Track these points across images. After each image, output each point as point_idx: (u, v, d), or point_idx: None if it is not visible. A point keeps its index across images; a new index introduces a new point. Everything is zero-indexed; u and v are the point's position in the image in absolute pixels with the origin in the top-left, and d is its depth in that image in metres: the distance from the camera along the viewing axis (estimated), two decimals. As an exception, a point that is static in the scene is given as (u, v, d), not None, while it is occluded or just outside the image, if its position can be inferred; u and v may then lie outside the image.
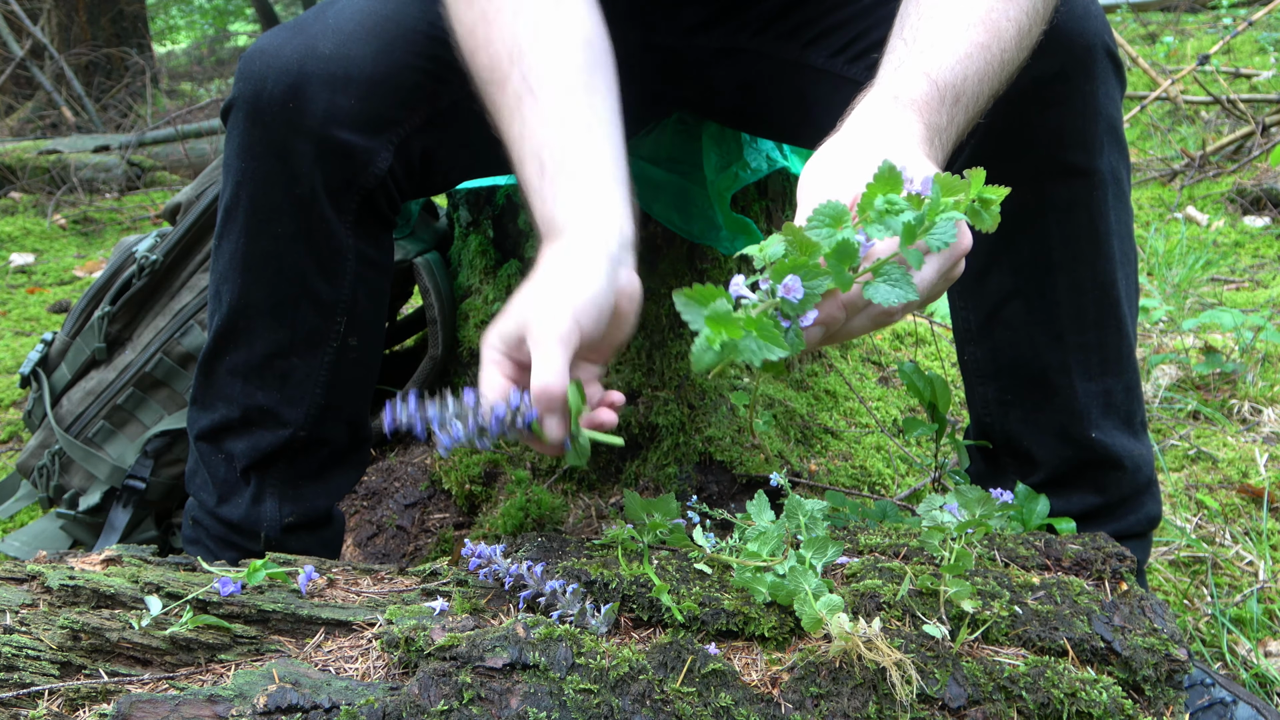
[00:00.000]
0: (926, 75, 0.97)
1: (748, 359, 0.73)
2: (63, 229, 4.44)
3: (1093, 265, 1.21)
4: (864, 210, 0.78)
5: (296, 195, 1.20)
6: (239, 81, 1.19)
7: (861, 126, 0.95)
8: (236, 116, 1.20)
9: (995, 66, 1.01)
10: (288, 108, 1.15)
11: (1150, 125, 4.48)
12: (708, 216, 1.66)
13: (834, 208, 0.77)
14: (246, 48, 1.29)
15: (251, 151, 1.19)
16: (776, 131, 1.57)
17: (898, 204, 0.75)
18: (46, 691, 0.84)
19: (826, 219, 0.77)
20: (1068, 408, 1.24)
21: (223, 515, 1.31)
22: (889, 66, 1.01)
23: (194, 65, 12.53)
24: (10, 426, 2.38)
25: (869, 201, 0.76)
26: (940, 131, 0.98)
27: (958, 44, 1.00)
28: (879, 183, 0.75)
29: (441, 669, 0.81)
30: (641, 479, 1.73)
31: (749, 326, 0.74)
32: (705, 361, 0.74)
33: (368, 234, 1.27)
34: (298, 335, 1.27)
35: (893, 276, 0.77)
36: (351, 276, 1.27)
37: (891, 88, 0.97)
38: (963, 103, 0.99)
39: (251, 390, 1.28)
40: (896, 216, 0.74)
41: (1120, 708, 0.85)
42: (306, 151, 1.17)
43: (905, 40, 1.02)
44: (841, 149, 0.93)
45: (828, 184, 0.90)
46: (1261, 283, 2.88)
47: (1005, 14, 1.02)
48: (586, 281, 0.96)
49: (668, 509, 0.97)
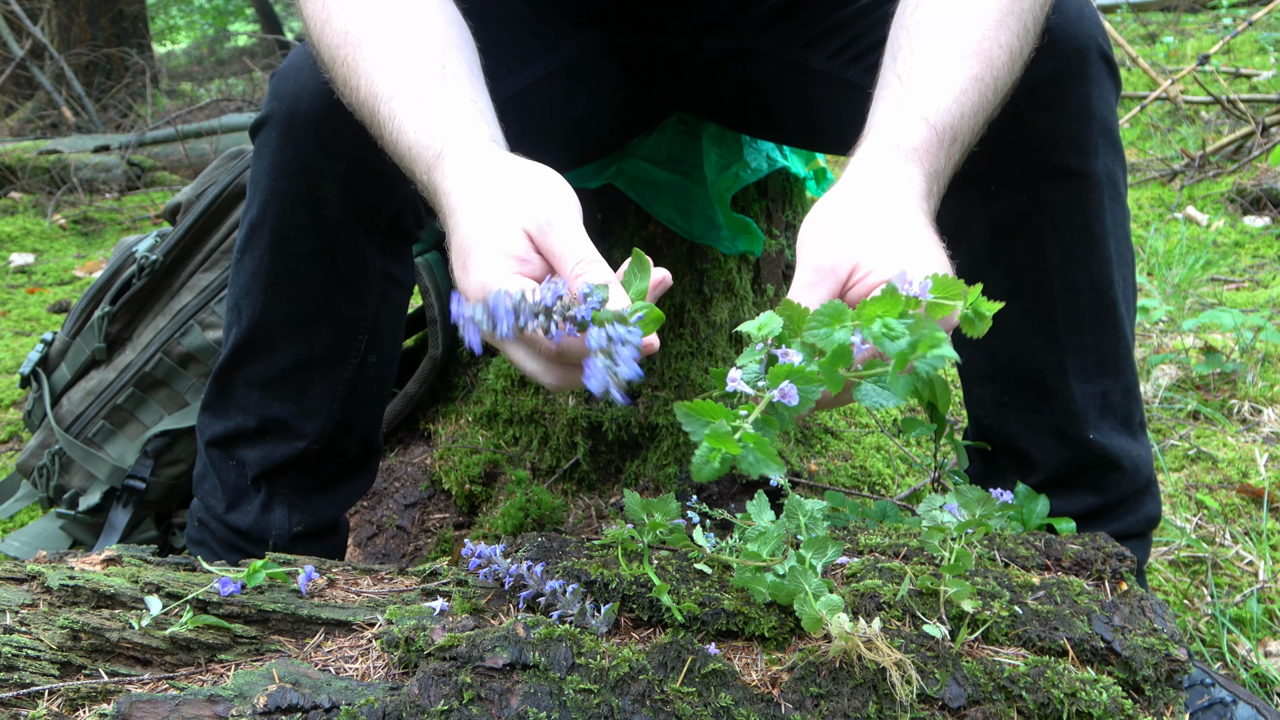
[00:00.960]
0: (925, 120, 0.97)
1: (746, 470, 0.77)
2: (63, 229, 4.44)
3: (1089, 267, 1.21)
4: (861, 319, 0.80)
5: (325, 215, 1.20)
6: (272, 99, 1.18)
7: (862, 182, 0.95)
8: (269, 135, 1.19)
9: (989, 96, 1.01)
10: (322, 129, 1.15)
11: (1150, 125, 4.48)
12: (708, 216, 1.66)
13: (834, 308, 0.81)
14: (277, 66, 1.28)
15: (283, 171, 1.19)
16: (777, 133, 1.57)
17: (894, 331, 0.78)
18: (46, 691, 0.84)
19: (826, 318, 0.80)
20: (1064, 409, 1.24)
21: (231, 522, 1.31)
22: (886, 107, 1.01)
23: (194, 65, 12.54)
24: (10, 426, 2.38)
25: (869, 319, 0.79)
26: (938, 176, 0.98)
27: (953, 80, 0.99)
28: (879, 303, 0.78)
29: (441, 669, 0.81)
30: (641, 479, 1.73)
31: (747, 440, 0.77)
32: (705, 474, 0.78)
33: (394, 253, 1.28)
34: (318, 351, 1.27)
35: (882, 380, 0.81)
36: (376, 296, 1.27)
37: (891, 135, 0.97)
38: (960, 141, 1.00)
39: (268, 401, 1.28)
40: (894, 341, 0.77)
41: (1120, 708, 0.85)
42: (338, 173, 1.17)
43: (900, 77, 1.02)
44: (842, 207, 0.93)
45: (828, 247, 0.90)
46: (1261, 283, 2.88)
47: (997, 41, 1.01)
48: (547, 172, 0.93)
49: (668, 509, 0.97)
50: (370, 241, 1.24)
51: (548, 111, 1.37)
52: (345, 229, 1.21)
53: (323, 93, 1.12)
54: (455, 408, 1.90)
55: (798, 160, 1.79)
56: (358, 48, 1.02)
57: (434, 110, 0.98)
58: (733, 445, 0.77)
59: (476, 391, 1.88)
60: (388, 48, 1.02)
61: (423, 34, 1.04)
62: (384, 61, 1.01)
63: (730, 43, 1.44)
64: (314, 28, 1.07)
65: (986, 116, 1.02)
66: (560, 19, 1.42)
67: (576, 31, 1.43)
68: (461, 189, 0.92)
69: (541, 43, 1.38)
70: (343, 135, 1.12)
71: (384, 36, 1.02)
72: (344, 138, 1.12)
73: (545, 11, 1.41)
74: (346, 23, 1.04)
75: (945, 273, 0.88)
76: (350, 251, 1.23)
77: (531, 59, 1.35)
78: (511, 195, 0.91)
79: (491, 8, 1.28)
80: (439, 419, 1.90)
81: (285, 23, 13.14)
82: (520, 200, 0.90)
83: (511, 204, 0.90)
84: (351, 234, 1.22)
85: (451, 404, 1.91)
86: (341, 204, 1.19)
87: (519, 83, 1.32)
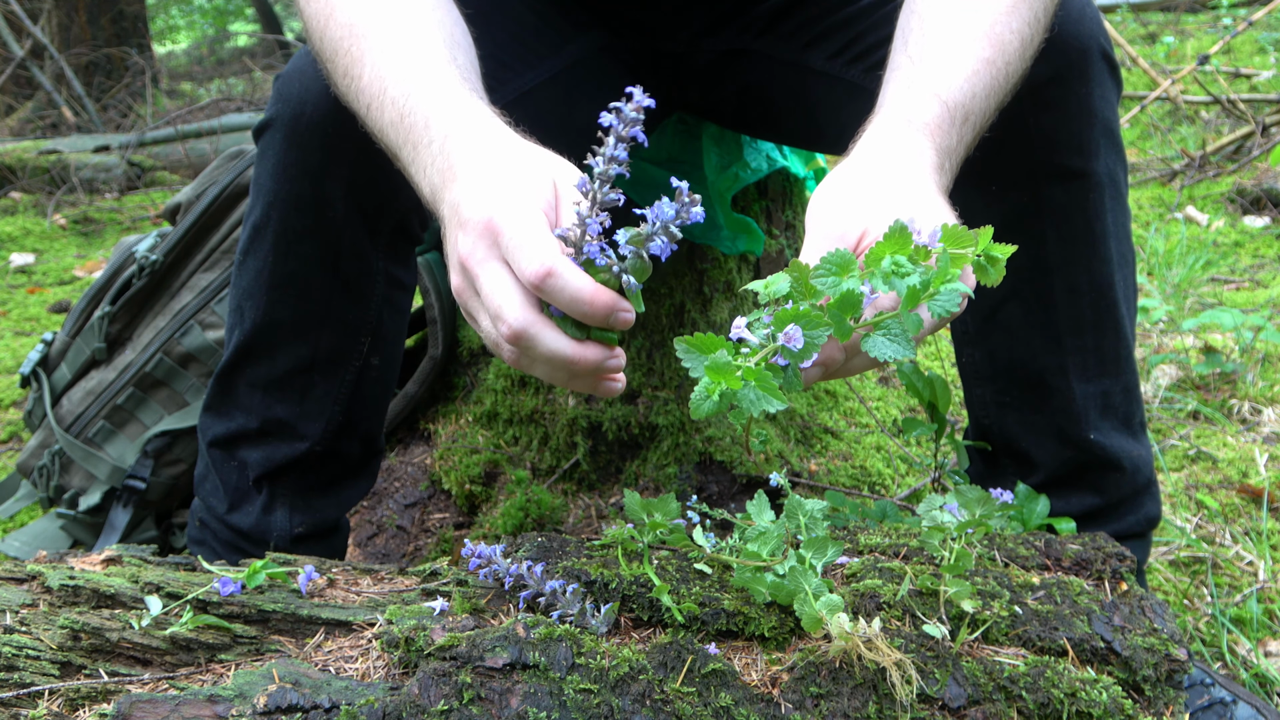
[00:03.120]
0: (937, 97, 0.97)
1: (746, 409, 0.73)
2: (63, 229, 4.44)
3: (1089, 268, 1.21)
4: (871, 264, 0.78)
5: (329, 218, 1.20)
6: (276, 103, 1.18)
7: (874, 152, 0.94)
8: (273, 138, 1.19)
9: (1001, 80, 1.01)
10: (327, 132, 1.14)
11: (1150, 125, 4.48)
12: (709, 216, 1.66)
13: (841, 256, 0.78)
14: (277, 65, 1.27)
15: (287, 174, 1.19)
16: (776, 133, 1.57)
17: (904, 267, 0.75)
18: (46, 691, 0.84)
19: (833, 267, 0.78)
20: (1065, 409, 1.24)
21: (233, 523, 1.31)
22: (898, 85, 1.00)
23: (194, 65, 12.54)
24: (10, 426, 2.38)
25: (877, 258, 0.76)
26: (950, 153, 0.97)
27: (965, 61, 0.99)
28: (888, 241, 0.76)
29: (441, 669, 0.81)
30: (641, 479, 1.73)
31: (749, 377, 0.74)
32: (703, 410, 0.74)
33: (398, 256, 1.28)
34: (320, 354, 1.27)
35: (892, 332, 0.78)
36: (379, 299, 1.27)
37: (904, 110, 0.97)
38: (971, 121, 0.99)
39: (271, 403, 1.28)
40: (902, 279, 0.75)
41: (1120, 708, 0.85)
42: (343, 176, 1.17)
43: (911, 57, 1.02)
44: (853, 176, 0.93)
45: (838, 214, 0.90)
46: (1261, 283, 2.88)
47: (1009, 26, 1.02)
48: (554, 155, 0.92)
49: (668, 509, 0.97)
50: (374, 244, 1.24)
51: (551, 114, 1.37)
52: (349, 232, 1.21)
53: (328, 96, 1.12)
54: (455, 408, 1.89)
55: (797, 160, 1.79)
56: (362, 39, 1.02)
57: (451, 83, 0.97)
58: (733, 379, 0.73)
59: (476, 391, 1.88)
60: (396, 38, 1.01)
61: (431, 29, 1.03)
62: (393, 48, 1.00)
63: (730, 44, 1.44)
64: (315, 26, 1.07)
65: (998, 101, 1.02)
66: (563, 22, 1.42)
67: (579, 34, 1.43)
68: (482, 147, 0.90)
69: (546, 46, 1.38)
70: (348, 138, 1.12)
71: (391, 28, 1.02)
72: (349, 141, 1.12)
73: (549, 15, 1.41)
74: (351, 17, 1.03)
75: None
76: (354, 254, 1.23)
77: (536, 62, 1.36)
78: (536, 153, 0.90)
79: (496, 12, 1.28)
80: (439, 419, 1.90)
81: (285, 23, 13.14)
82: (546, 156, 0.90)
83: (537, 159, 0.89)
84: (355, 237, 1.22)
85: (451, 404, 1.91)
86: (346, 207, 1.19)
87: (523, 86, 1.32)
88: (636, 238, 0.81)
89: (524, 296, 0.82)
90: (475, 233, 0.84)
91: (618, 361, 0.86)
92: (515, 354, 0.85)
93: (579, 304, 0.80)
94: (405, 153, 0.96)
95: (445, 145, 0.92)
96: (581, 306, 0.80)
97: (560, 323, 0.83)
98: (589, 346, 0.84)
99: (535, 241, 0.80)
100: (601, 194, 0.83)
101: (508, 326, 0.82)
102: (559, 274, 0.79)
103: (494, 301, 0.83)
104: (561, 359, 0.83)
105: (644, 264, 0.82)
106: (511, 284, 0.82)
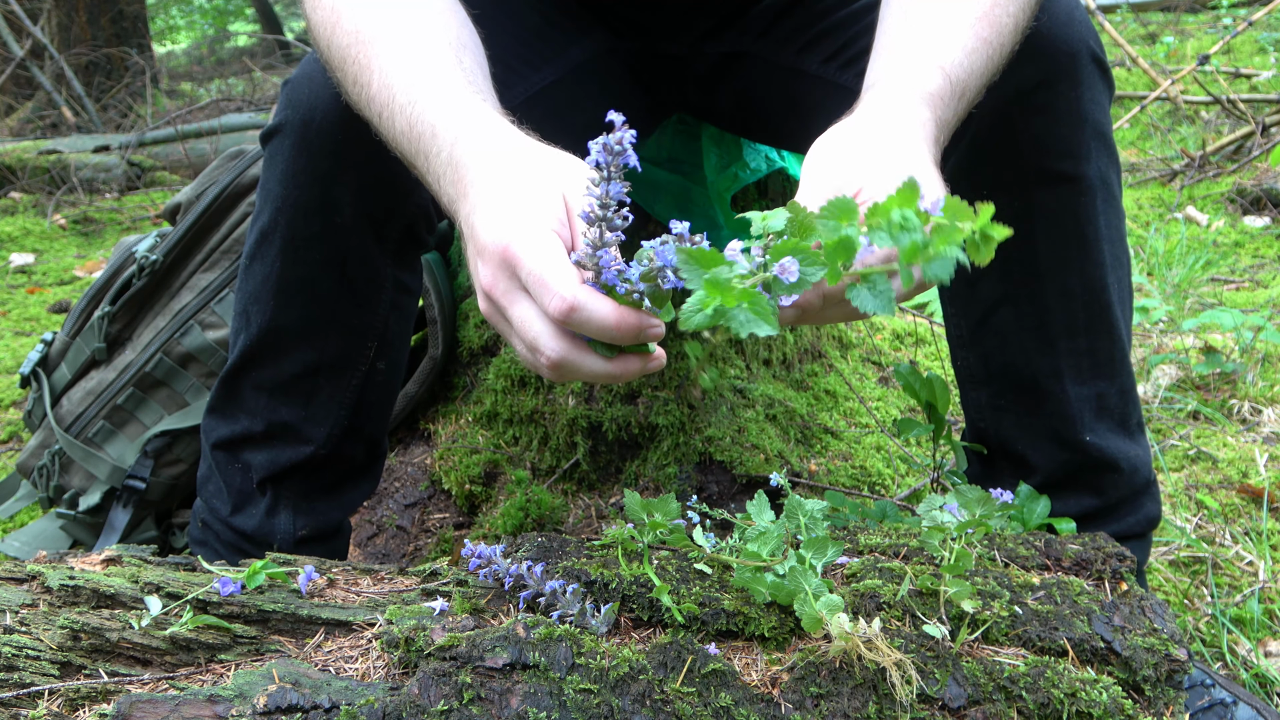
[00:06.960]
0: (941, 69, 0.98)
1: (736, 328, 0.74)
2: (63, 229, 4.44)
3: (1082, 271, 1.20)
4: (874, 216, 0.78)
5: (337, 224, 1.19)
6: (286, 108, 1.18)
7: (877, 113, 0.95)
8: (282, 143, 1.18)
9: (995, 61, 1.03)
10: (336, 138, 1.14)
11: (1150, 125, 4.48)
12: (709, 216, 1.66)
13: (845, 203, 0.78)
14: (277, 65, 1.28)
15: (296, 180, 1.18)
16: (771, 136, 1.58)
17: (912, 223, 0.75)
18: (46, 691, 0.84)
19: (836, 212, 0.78)
20: (1060, 412, 1.24)
21: (236, 525, 1.31)
22: (901, 54, 1.01)
23: (194, 65, 12.54)
24: (10, 426, 2.38)
25: (885, 210, 0.77)
26: (946, 127, 0.98)
27: (965, 38, 1.00)
28: (900, 195, 0.76)
29: (441, 669, 0.81)
30: (641, 479, 1.73)
31: (743, 299, 0.74)
32: (694, 322, 0.74)
33: (405, 261, 1.28)
34: (327, 358, 1.27)
35: (877, 287, 0.79)
36: (386, 304, 1.27)
37: (909, 77, 0.97)
38: (966, 98, 1.01)
39: (276, 406, 1.28)
40: (908, 234, 0.75)
41: (1120, 708, 0.85)
42: (352, 182, 1.17)
43: (912, 32, 1.03)
44: (854, 132, 0.93)
45: (836, 167, 0.90)
46: (1261, 283, 2.88)
47: (1006, 10, 1.03)
48: (561, 154, 0.91)
49: (668, 509, 0.97)
50: (382, 250, 1.24)
51: (556, 116, 1.37)
52: (357, 238, 1.21)
53: (338, 102, 1.11)
54: (455, 408, 1.89)
55: (796, 161, 1.79)
56: (370, 45, 1.01)
57: (457, 88, 0.97)
58: (729, 296, 0.73)
59: (476, 391, 1.88)
60: (402, 44, 1.01)
61: (437, 33, 1.03)
62: (399, 55, 1.00)
63: (730, 47, 1.44)
64: (322, 32, 1.07)
65: (988, 81, 1.03)
66: (567, 23, 1.43)
67: (582, 36, 1.43)
68: (489, 156, 0.90)
69: (551, 49, 1.38)
70: (357, 144, 1.12)
71: (397, 34, 1.02)
72: (358, 147, 1.12)
73: (553, 16, 1.41)
74: (357, 23, 1.03)
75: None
76: (361, 260, 1.23)
77: (542, 64, 1.36)
78: (544, 161, 0.90)
79: (502, 15, 1.28)
80: (439, 419, 1.90)
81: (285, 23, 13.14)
82: (555, 164, 0.89)
83: (546, 169, 0.89)
84: (363, 242, 1.22)
85: (451, 404, 1.91)
86: (354, 213, 1.19)
87: (529, 88, 1.32)
88: (648, 275, 0.81)
89: (554, 328, 0.83)
90: (494, 263, 0.85)
91: (658, 363, 0.88)
92: (557, 377, 0.87)
93: (606, 332, 0.81)
94: (419, 162, 0.97)
95: (453, 154, 0.92)
96: (610, 333, 0.81)
97: (594, 344, 0.85)
98: (627, 360, 0.86)
99: (554, 275, 0.81)
100: (609, 223, 0.83)
101: (546, 359, 0.84)
102: (582, 307, 0.80)
103: (528, 335, 0.84)
104: (603, 378, 0.86)
105: (662, 292, 0.83)
106: (540, 318, 0.83)
